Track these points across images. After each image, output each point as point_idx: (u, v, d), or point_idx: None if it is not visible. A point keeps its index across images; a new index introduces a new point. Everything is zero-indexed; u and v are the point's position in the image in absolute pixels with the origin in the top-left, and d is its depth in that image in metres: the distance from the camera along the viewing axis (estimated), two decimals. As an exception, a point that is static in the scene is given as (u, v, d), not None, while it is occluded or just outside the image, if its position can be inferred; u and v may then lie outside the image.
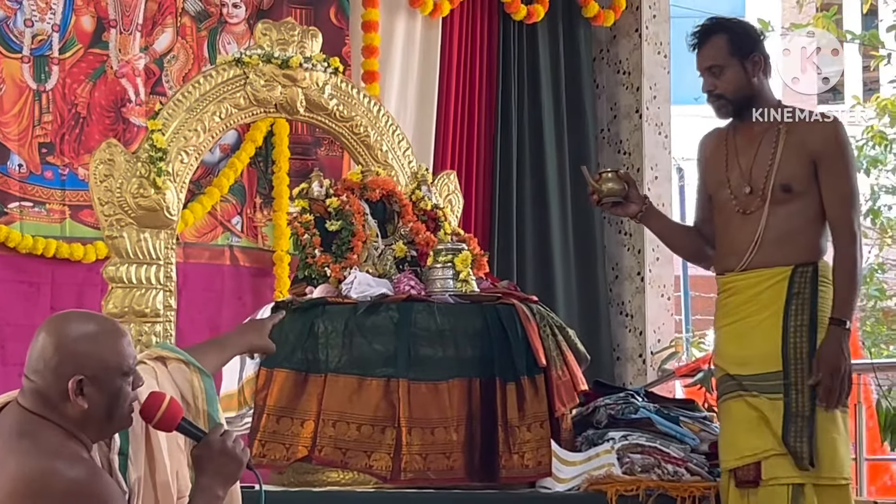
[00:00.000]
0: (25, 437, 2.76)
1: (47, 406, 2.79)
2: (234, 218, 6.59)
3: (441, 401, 4.41)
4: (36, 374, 2.80)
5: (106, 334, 2.82)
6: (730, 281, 4.34)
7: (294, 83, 5.25)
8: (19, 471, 2.70)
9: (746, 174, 4.30)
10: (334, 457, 4.36)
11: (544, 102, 7.35)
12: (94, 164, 5.01)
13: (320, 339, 4.49)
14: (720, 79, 4.31)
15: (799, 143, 4.26)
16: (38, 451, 2.73)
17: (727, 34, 4.33)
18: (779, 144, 4.27)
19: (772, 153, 4.28)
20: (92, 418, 2.81)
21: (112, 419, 2.84)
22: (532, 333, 4.51)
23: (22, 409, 2.81)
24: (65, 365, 2.77)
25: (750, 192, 4.28)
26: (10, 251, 5.94)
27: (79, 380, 2.77)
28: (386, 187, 5.01)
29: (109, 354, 2.80)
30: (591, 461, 4.44)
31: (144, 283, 5.00)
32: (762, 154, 4.29)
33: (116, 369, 2.80)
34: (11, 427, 2.79)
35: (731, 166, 4.34)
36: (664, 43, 7.51)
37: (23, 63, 6.10)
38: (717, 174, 4.39)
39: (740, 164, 4.32)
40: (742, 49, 4.30)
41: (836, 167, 4.25)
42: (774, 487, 4.14)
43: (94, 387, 2.78)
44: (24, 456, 2.72)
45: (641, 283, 7.28)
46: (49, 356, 2.78)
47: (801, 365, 4.18)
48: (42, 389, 2.79)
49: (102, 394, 2.79)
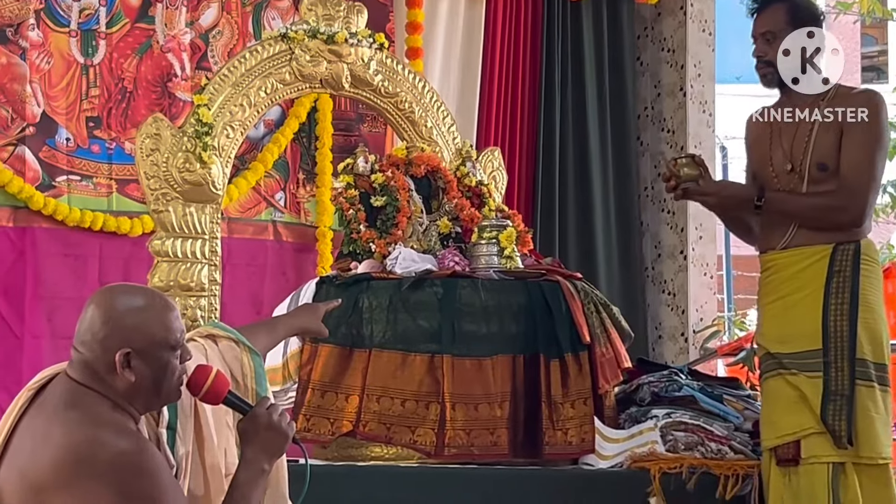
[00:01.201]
0: (73, 408, 2.78)
1: (95, 378, 2.81)
2: (278, 193, 6.62)
3: (485, 377, 4.42)
4: (84, 346, 2.82)
5: (154, 308, 2.83)
6: (771, 259, 4.34)
7: (339, 59, 5.25)
8: (66, 441, 2.72)
9: (787, 152, 4.29)
10: (379, 432, 4.38)
11: (588, 80, 7.33)
12: (141, 139, 5.03)
13: (365, 314, 4.50)
14: (772, 46, 4.30)
15: (834, 119, 4.25)
16: (85, 421, 2.75)
17: (788, 4, 4.31)
18: (815, 123, 4.26)
19: (809, 130, 4.27)
20: (139, 391, 2.82)
21: (160, 392, 2.86)
22: (576, 310, 4.51)
23: (70, 380, 2.84)
24: (112, 338, 2.79)
25: (791, 170, 4.27)
26: (58, 224, 5.98)
27: (126, 352, 2.79)
28: (431, 163, 5.02)
29: (157, 328, 2.81)
30: (634, 438, 4.45)
31: (190, 258, 5.02)
32: (801, 131, 4.28)
33: (163, 343, 2.82)
34: (59, 397, 2.82)
35: (774, 145, 4.34)
36: (709, 20, 7.48)
37: (70, 37, 6.14)
38: (761, 152, 4.39)
39: (782, 143, 4.31)
40: (800, 21, 4.29)
41: (858, 137, 4.22)
42: (814, 466, 4.15)
43: (140, 360, 2.79)
44: (71, 426, 2.74)
45: (684, 261, 7.27)
46: (97, 328, 2.80)
47: (842, 343, 4.17)
48: (90, 361, 2.81)
49: (149, 367, 2.81)
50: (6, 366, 5.79)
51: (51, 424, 2.77)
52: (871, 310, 4.23)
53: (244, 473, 2.91)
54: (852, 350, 4.17)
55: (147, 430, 2.92)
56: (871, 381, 4.19)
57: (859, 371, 4.17)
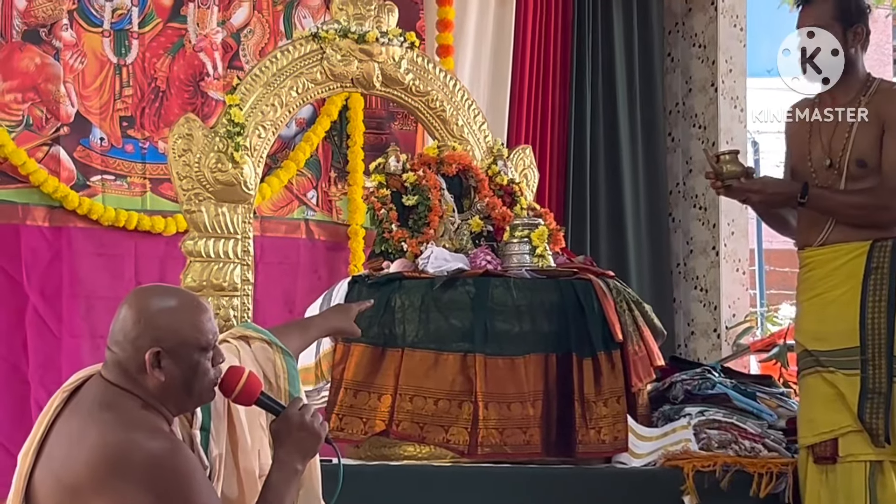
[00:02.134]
0: (107, 409, 2.80)
1: (128, 378, 2.83)
2: (310, 192, 6.64)
3: (517, 376, 4.42)
4: (117, 346, 2.84)
5: (186, 309, 2.85)
6: (809, 256, 4.32)
7: (370, 58, 5.26)
8: (100, 441, 2.74)
9: (826, 147, 4.27)
10: (412, 431, 4.39)
11: (618, 76, 7.32)
12: (173, 139, 5.06)
13: (397, 313, 4.51)
14: None
15: (874, 115, 4.22)
16: (118, 422, 2.77)
17: (834, 1, 4.28)
18: (856, 119, 4.24)
19: (849, 126, 4.24)
20: (170, 391, 2.84)
21: (191, 393, 2.87)
22: (608, 309, 4.51)
23: (104, 381, 2.86)
24: (143, 337, 2.81)
25: (830, 166, 4.25)
26: (92, 223, 6.02)
27: (156, 352, 2.80)
28: (462, 162, 5.02)
29: (188, 329, 2.83)
30: (667, 437, 4.44)
31: (222, 257, 5.04)
32: (841, 128, 4.26)
33: (194, 344, 2.83)
34: (94, 398, 2.84)
35: (813, 140, 4.31)
36: (740, 16, 7.45)
37: (103, 37, 6.18)
38: (800, 147, 4.36)
39: (822, 138, 4.29)
40: (847, 17, 4.26)
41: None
42: (852, 464, 4.13)
43: (171, 360, 2.81)
44: (105, 426, 2.76)
45: (716, 257, 7.25)
46: (129, 328, 2.83)
47: (880, 341, 4.15)
48: (122, 361, 2.83)
49: (179, 367, 2.82)
50: (46, 365, 5.83)
51: (85, 426, 2.79)
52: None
53: (277, 474, 2.92)
54: (890, 348, 4.14)
55: (181, 432, 2.93)
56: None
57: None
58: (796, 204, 4.28)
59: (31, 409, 5.59)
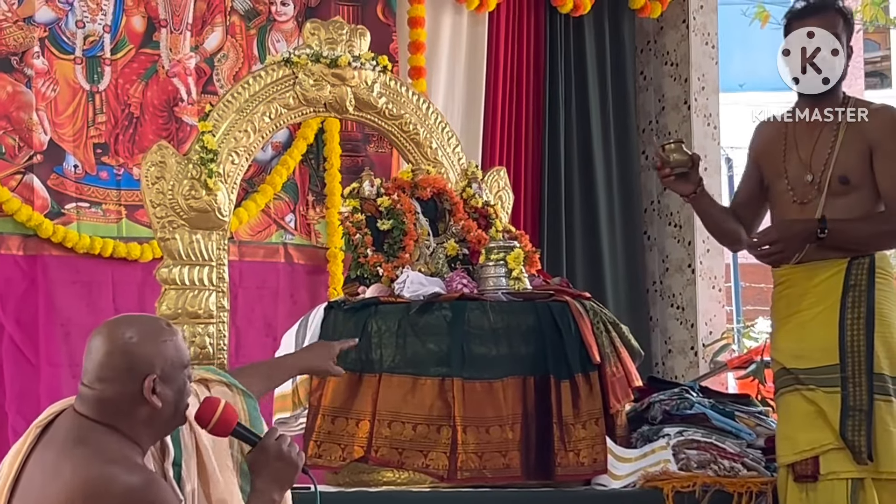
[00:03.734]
0: (81, 444, 2.79)
1: (114, 412, 2.82)
2: (288, 216, 6.63)
3: (496, 399, 4.42)
4: (102, 383, 2.82)
5: (162, 333, 2.88)
6: (786, 274, 4.33)
7: (343, 82, 5.25)
8: (76, 477, 2.73)
9: (806, 163, 4.27)
10: (391, 457, 4.39)
11: (591, 96, 7.35)
12: (146, 167, 5.04)
13: (373, 338, 4.50)
14: None
15: (858, 132, 4.24)
16: (94, 457, 2.76)
17: (842, 16, 4.29)
18: (839, 135, 4.25)
19: (832, 143, 4.25)
20: (161, 417, 2.85)
21: (176, 415, 2.89)
22: (585, 330, 4.51)
23: (78, 415, 2.85)
24: (137, 368, 2.82)
25: (811, 181, 4.25)
26: (67, 252, 6.00)
27: (154, 378, 2.81)
28: (437, 185, 5.02)
29: (172, 350, 2.87)
30: (646, 457, 4.44)
31: (197, 285, 5.02)
32: (822, 144, 4.27)
33: (180, 364, 2.88)
34: (68, 433, 2.83)
35: (789, 156, 4.32)
36: (712, 33, 7.49)
37: (75, 64, 6.16)
38: (774, 164, 4.37)
39: (799, 154, 4.30)
40: (849, 32, 4.29)
41: (892, 152, 4.21)
42: (833, 482, 4.14)
43: (165, 385, 2.84)
44: (81, 461, 2.75)
45: (692, 274, 7.27)
46: (117, 362, 2.82)
47: (859, 358, 4.17)
48: (109, 397, 2.82)
49: (172, 390, 2.86)
50: (23, 394, 5.80)
51: (60, 461, 2.78)
52: (887, 324, 4.22)
53: (255, 501, 2.93)
54: (870, 365, 4.16)
55: (154, 466, 2.93)
56: (888, 395, 4.18)
57: (877, 385, 4.16)
58: (815, 240, 4.20)
59: (9, 439, 5.54)
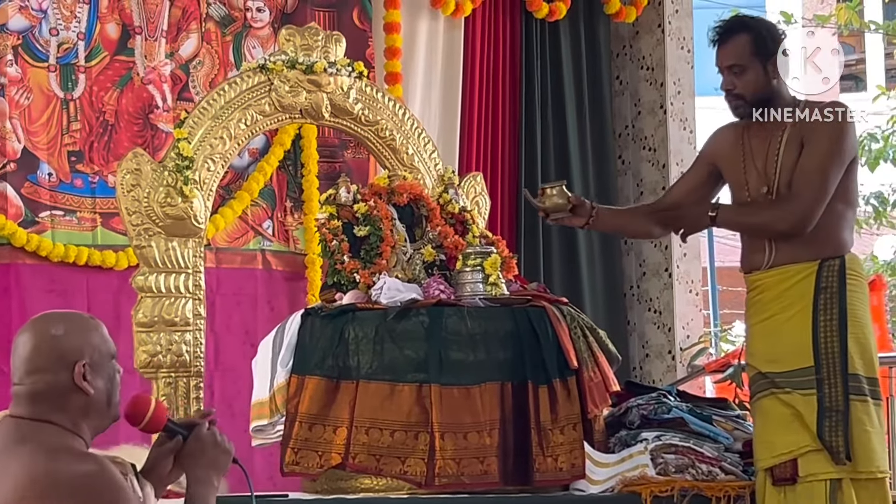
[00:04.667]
0: (25, 442, 2.79)
1: (46, 405, 2.84)
2: (266, 222, 6.61)
3: (473, 405, 4.41)
4: (32, 376, 2.86)
5: (88, 324, 2.94)
6: (757, 279, 4.35)
7: (319, 88, 5.24)
8: (23, 473, 2.73)
9: (762, 175, 4.31)
10: (368, 463, 4.37)
11: (567, 100, 7.36)
12: (121, 174, 5.02)
13: (351, 345, 4.49)
14: (740, 79, 4.29)
15: (798, 134, 4.26)
16: (40, 451, 2.77)
17: (751, 35, 4.30)
18: (782, 142, 4.28)
19: (777, 150, 4.28)
20: (95, 405, 2.88)
21: (111, 405, 2.93)
22: (563, 335, 4.50)
23: (16, 419, 2.86)
24: (66, 356, 2.86)
25: (767, 192, 4.28)
26: (42, 260, 5.97)
27: (84, 363, 2.86)
28: (413, 191, 5.01)
29: (99, 340, 2.92)
30: (624, 462, 4.44)
31: (174, 292, 5.00)
32: (771, 152, 4.30)
33: (108, 353, 2.93)
34: (8, 437, 2.82)
35: (748, 168, 4.35)
36: (687, 38, 7.51)
37: (49, 72, 6.13)
38: (735, 175, 4.41)
39: (756, 165, 4.33)
40: (765, 51, 4.29)
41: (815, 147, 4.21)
42: (812, 484, 4.15)
43: (94, 372, 2.88)
44: (27, 457, 2.75)
45: (669, 279, 7.28)
46: (46, 353, 2.86)
47: (833, 359, 4.18)
48: (41, 389, 2.85)
49: (102, 378, 2.90)
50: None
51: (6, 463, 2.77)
52: (859, 324, 4.24)
53: (197, 489, 3.01)
54: (844, 365, 4.18)
55: None
56: (864, 395, 4.20)
57: (852, 386, 4.18)
58: (709, 221, 4.34)
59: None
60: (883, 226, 11.27)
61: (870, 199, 10.76)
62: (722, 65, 4.33)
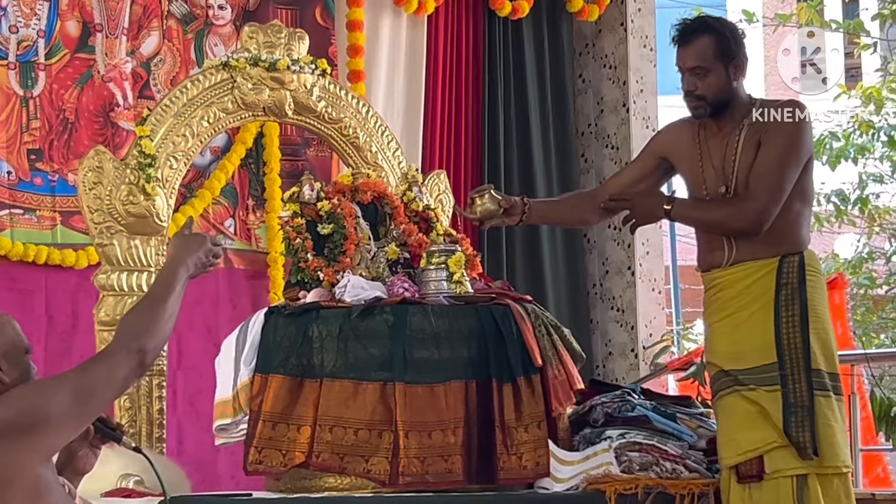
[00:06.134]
0: None
1: None
2: (227, 220, 6.58)
3: (438, 403, 4.40)
4: None
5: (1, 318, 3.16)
6: (717, 277, 4.35)
7: (282, 86, 5.23)
8: None
9: (720, 174, 4.32)
10: (332, 462, 4.36)
11: (530, 99, 7.36)
12: (83, 172, 4.99)
13: (315, 343, 4.47)
14: (703, 81, 4.30)
15: (754, 134, 4.28)
16: None
17: (715, 37, 4.30)
18: (739, 141, 4.29)
19: (734, 150, 4.29)
20: None
21: None
22: (527, 333, 4.50)
23: None
24: None
25: (725, 191, 4.29)
26: (1, 259, 5.91)
27: None
28: (377, 189, 5.00)
29: (13, 334, 3.14)
30: (588, 460, 4.44)
31: (136, 291, 4.99)
32: (729, 152, 4.31)
33: (22, 347, 3.14)
34: None
35: (705, 167, 4.36)
36: (650, 36, 7.52)
37: (9, 69, 6.07)
38: (692, 174, 4.42)
39: (713, 165, 4.34)
40: (727, 53, 4.30)
41: (772, 146, 4.23)
42: (779, 480, 4.16)
43: (7, 362, 3.08)
44: None
45: (632, 277, 7.29)
46: None
47: (796, 355, 4.20)
48: None
49: (15, 369, 3.09)
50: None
51: None
52: (820, 320, 4.27)
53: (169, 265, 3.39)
54: (807, 361, 4.19)
55: None
56: (827, 390, 4.22)
57: (816, 381, 4.19)
58: (663, 213, 4.34)
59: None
60: (844, 224, 11.34)
61: (831, 197, 10.81)
62: (684, 66, 4.33)
